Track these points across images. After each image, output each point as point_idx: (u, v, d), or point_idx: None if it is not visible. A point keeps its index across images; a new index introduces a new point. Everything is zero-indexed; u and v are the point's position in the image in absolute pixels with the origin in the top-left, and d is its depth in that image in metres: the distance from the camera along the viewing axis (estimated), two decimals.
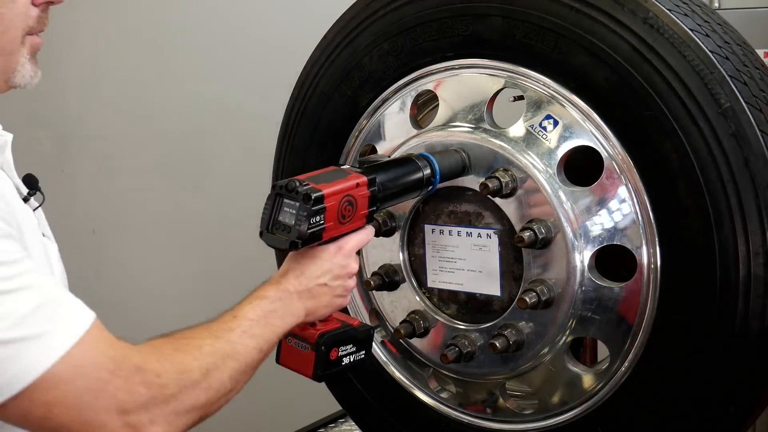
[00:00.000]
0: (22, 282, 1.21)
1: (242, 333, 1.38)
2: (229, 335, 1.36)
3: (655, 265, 1.53)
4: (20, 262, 1.23)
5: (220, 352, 1.34)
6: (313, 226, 1.40)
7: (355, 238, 1.51)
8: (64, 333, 1.21)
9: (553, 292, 1.59)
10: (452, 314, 1.74)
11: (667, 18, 1.49)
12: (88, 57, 3.59)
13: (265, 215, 1.40)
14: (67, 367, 1.20)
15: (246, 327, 1.38)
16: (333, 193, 1.43)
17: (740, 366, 1.50)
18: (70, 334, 1.22)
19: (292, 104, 1.92)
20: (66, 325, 1.22)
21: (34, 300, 1.21)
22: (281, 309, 1.43)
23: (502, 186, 1.59)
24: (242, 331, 1.38)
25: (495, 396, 1.74)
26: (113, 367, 1.23)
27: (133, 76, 3.67)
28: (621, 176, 1.54)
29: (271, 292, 1.44)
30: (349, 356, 1.53)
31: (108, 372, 1.23)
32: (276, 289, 1.44)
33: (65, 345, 1.20)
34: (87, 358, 1.22)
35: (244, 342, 1.37)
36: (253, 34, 3.52)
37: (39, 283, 1.23)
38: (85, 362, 1.22)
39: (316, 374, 1.50)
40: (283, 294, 1.44)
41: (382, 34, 1.75)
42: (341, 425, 2.42)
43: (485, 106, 1.68)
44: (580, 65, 1.55)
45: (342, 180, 1.46)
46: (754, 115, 1.47)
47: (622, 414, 1.60)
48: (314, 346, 1.48)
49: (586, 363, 1.83)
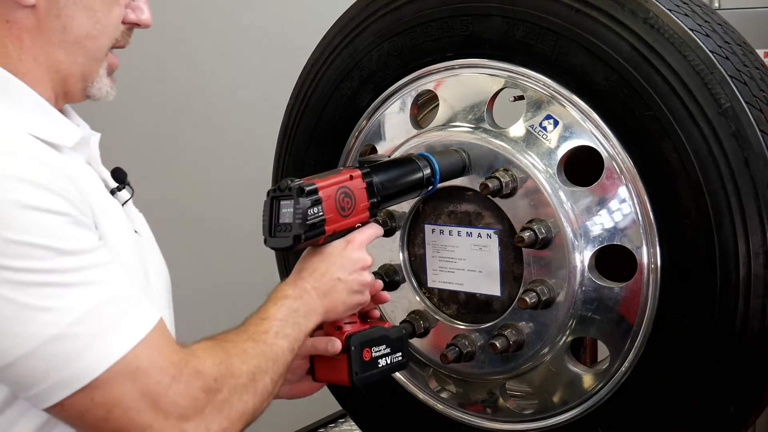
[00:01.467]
0: (90, 275, 1.19)
1: (275, 334, 1.37)
2: (266, 337, 1.36)
3: (655, 265, 1.53)
4: (90, 253, 1.20)
5: (262, 355, 1.33)
6: (312, 217, 1.40)
7: (365, 232, 1.50)
8: (128, 332, 1.19)
9: (553, 292, 1.59)
10: (452, 314, 1.74)
11: (668, 18, 1.49)
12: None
13: (265, 222, 1.40)
14: (130, 368, 1.18)
15: (278, 328, 1.38)
16: (326, 185, 1.43)
17: (740, 366, 1.50)
18: (134, 334, 1.20)
19: (292, 104, 1.92)
20: (131, 324, 1.20)
21: (101, 295, 1.19)
22: (303, 307, 1.42)
23: (502, 186, 1.59)
24: (275, 332, 1.37)
25: (495, 396, 1.74)
26: (174, 372, 1.22)
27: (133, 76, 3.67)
28: (621, 176, 1.54)
29: (291, 291, 1.43)
30: (384, 358, 1.51)
31: (170, 376, 1.21)
32: (294, 288, 1.44)
33: (128, 345, 1.18)
34: (150, 360, 1.20)
35: (279, 343, 1.37)
36: (253, 34, 3.52)
37: (108, 279, 1.21)
38: (147, 364, 1.20)
39: (353, 377, 1.46)
40: (302, 292, 1.43)
41: (382, 34, 1.75)
42: (341, 425, 2.42)
43: (485, 106, 1.68)
44: (580, 65, 1.55)
45: (334, 174, 1.47)
46: (754, 115, 1.47)
47: (622, 414, 1.60)
48: (344, 348, 1.47)
49: (586, 363, 1.84)
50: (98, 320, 1.17)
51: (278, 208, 1.40)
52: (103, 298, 1.19)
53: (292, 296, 1.42)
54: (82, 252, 1.19)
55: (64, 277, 1.17)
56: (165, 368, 1.21)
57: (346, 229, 1.48)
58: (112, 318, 1.19)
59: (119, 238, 1.33)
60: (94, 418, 1.19)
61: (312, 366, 1.51)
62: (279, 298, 1.42)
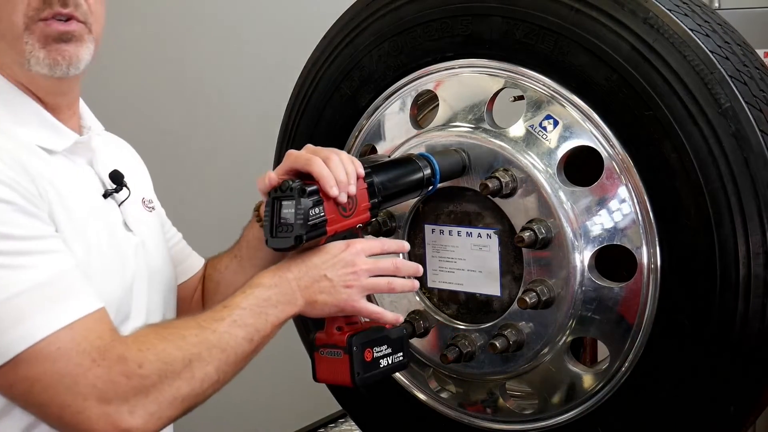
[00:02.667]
0: (26, 260, 1.27)
1: (232, 323, 1.37)
2: (217, 325, 1.36)
3: (655, 265, 1.53)
4: (31, 240, 1.29)
5: (205, 342, 1.34)
6: (313, 217, 1.40)
7: (367, 241, 1.49)
8: (56, 315, 1.26)
9: (553, 292, 1.59)
10: (452, 314, 1.74)
11: (667, 18, 1.49)
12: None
13: (266, 222, 1.40)
14: (51, 349, 1.25)
15: (236, 316, 1.38)
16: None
17: (740, 366, 1.50)
18: (60, 318, 1.27)
19: (292, 104, 1.92)
20: (62, 308, 1.27)
21: (34, 280, 1.26)
22: (276, 296, 1.41)
23: (502, 186, 1.59)
24: (232, 321, 1.37)
25: (495, 396, 1.74)
26: (96, 355, 1.27)
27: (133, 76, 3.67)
28: (621, 176, 1.54)
29: (267, 279, 1.43)
30: (386, 358, 1.51)
31: (90, 360, 1.27)
32: (272, 276, 1.43)
33: (52, 327, 1.26)
34: (72, 344, 1.26)
35: (232, 332, 1.37)
36: (253, 34, 3.52)
37: (45, 266, 1.28)
38: (69, 347, 1.26)
39: (355, 377, 1.46)
40: (279, 280, 1.43)
41: (382, 34, 1.75)
42: (341, 425, 2.42)
43: (485, 106, 1.68)
44: (580, 65, 1.55)
45: None
46: (754, 115, 1.47)
47: (622, 414, 1.60)
48: (346, 349, 1.46)
49: (586, 363, 1.84)
50: (27, 302, 1.25)
51: (279, 209, 1.40)
52: (36, 283, 1.26)
53: (266, 285, 1.42)
54: (23, 238, 1.28)
55: (0, 258, 1.26)
56: (86, 352, 1.27)
57: (347, 229, 1.48)
58: (41, 302, 1.26)
59: (94, 233, 1.42)
60: (20, 391, 1.28)
61: (313, 366, 1.51)
62: (251, 286, 1.42)
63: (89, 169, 1.52)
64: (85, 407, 1.26)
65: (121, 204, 1.54)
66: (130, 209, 1.56)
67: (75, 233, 1.38)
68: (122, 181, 1.54)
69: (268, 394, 3.45)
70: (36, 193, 1.33)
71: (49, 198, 1.36)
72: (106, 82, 3.67)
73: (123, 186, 1.54)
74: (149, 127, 3.59)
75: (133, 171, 1.65)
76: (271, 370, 2.74)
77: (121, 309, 1.46)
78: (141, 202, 1.63)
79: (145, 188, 1.70)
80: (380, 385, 1.80)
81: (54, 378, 1.25)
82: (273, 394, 3.44)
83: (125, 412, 1.27)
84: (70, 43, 1.43)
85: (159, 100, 3.63)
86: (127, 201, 1.55)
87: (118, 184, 1.53)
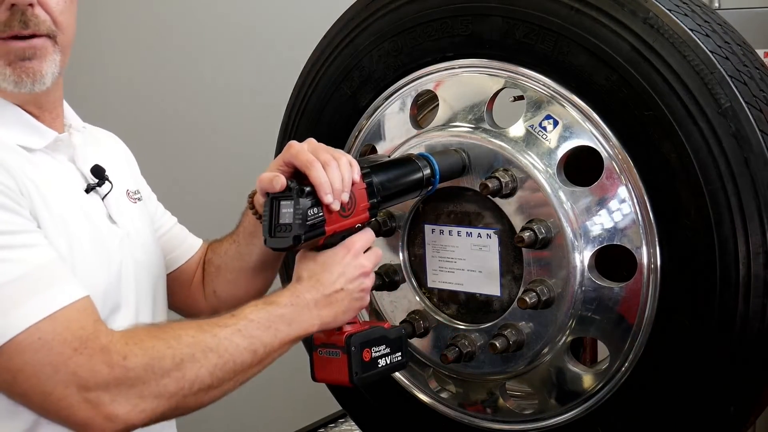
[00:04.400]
0: (8, 254, 1.29)
1: (236, 331, 1.38)
2: (218, 330, 1.37)
3: (655, 265, 1.53)
4: (11, 235, 1.31)
5: (201, 344, 1.35)
6: (312, 217, 1.40)
7: (362, 237, 1.51)
8: (36, 306, 1.28)
9: (553, 292, 1.59)
10: (452, 314, 1.74)
11: (667, 18, 1.49)
12: (90, 52, 3.58)
13: (265, 222, 1.41)
14: (32, 339, 1.27)
15: (242, 326, 1.38)
16: None
17: (740, 366, 1.50)
18: (42, 309, 1.28)
19: (292, 104, 1.92)
20: (42, 299, 1.29)
21: (17, 271, 1.29)
22: (290, 315, 1.42)
23: (502, 186, 1.59)
24: (236, 329, 1.38)
25: (495, 396, 1.74)
26: (78, 345, 1.29)
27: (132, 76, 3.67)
28: (621, 176, 1.54)
29: (284, 299, 1.44)
30: (384, 358, 1.51)
31: (71, 349, 1.28)
32: (290, 296, 1.44)
33: (33, 318, 1.27)
34: (53, 334, 1.28)
35: (233, 340, 1.37)
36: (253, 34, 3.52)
37: (25, 259, 1.30)
38: (50, 337, 1.28)
39: (353, 377, 1.47)
40: (296, 301, 1.44)
41: (382, 34, 1.75)
42: (341, 425, 2.42)
43: (485, 106, 1.68)
44: (580, 65, 1.55)
45: None
46: (754, 115, 1.47)
47: (622, 414, 1.60)
48: (344, 348, 1.46)
49: (586, 363, 1.84)
50: (8, 295, 1.28)
51: (278, 209, 1.40)
52: (17, 276, 1.29)
53: (282, 304, 1.43)
54: (3, 233, 1.30)
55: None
56: (68, 341, 1.28)
57: (346, 229, 1.48)
58: (22, 294, 1.28)
59: (76, 227, 1.44)
60: (4, 380, 1.30)
61: (311, 365, 1.51)
62: (264, 302, 1.43)
63: (71, 165, 1.54)
64: (66, 394, 1.28)
65: (104, 197, 1.56)
66: (114, 202, 1.58)
67: (57, 228, 1.40)
68: (104, 175, 1.56)
69: (268, 394, 3.45)
70: (17, 190, 1.35)
71: (31, 195, 1.38)
72: (108, 78, 3.67)
73: (105, 180, 1.56)
74: (148, 127, 3.59)
75: (116, 164, 1.66)
76: (271, 370, 2.74)
77: (108, 300, 1.47)
78: (126, 194, 1.65)
79: (130, 180, 1.71)
80: (380, 385, 1.80)
81: (36, 368, 1.27)
82: (273, 394, 3.44)
83: (107, 401, 1.28)
84: (33, 60, 1.44)
85: (159, 100, 3.63)
86: (110, 194, 1.57)
87: (100, 178, 1.55)
